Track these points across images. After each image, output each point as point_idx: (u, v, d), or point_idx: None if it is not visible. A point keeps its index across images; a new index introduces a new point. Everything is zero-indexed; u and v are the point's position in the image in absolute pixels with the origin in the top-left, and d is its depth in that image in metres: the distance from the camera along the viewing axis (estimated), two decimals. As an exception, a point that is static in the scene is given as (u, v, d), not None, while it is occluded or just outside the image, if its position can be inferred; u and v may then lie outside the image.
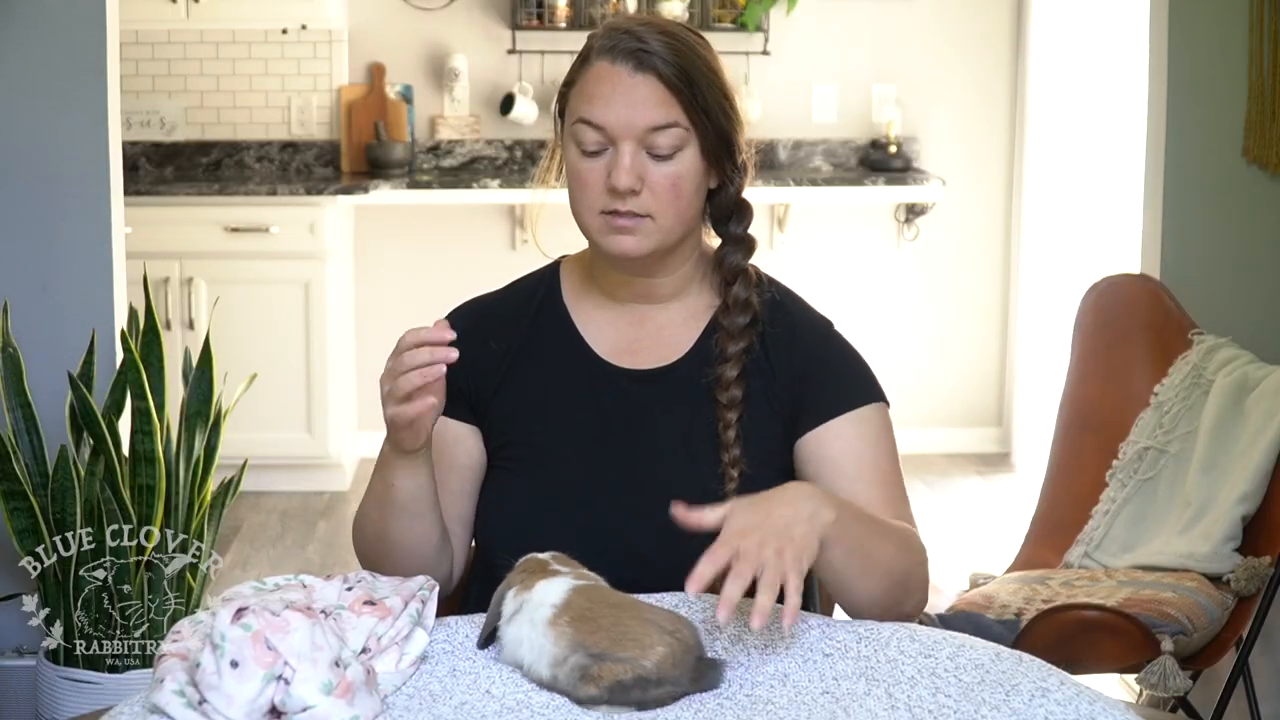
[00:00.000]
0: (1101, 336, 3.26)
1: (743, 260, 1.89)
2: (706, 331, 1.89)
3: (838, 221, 5.68)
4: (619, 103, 1.78)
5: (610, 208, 1.79)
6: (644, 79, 1.78)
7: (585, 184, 1.81)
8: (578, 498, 1.85)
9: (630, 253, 1.81)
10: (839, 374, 1.88)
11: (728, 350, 1.86)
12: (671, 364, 1.88)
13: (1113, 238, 4.83)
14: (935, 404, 5.69)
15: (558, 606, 1.57)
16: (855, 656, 1.61)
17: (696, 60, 1.81)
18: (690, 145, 1.80)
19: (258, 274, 5.13)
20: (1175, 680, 2.62)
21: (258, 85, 5.61)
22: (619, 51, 1.79)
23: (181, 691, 1.47)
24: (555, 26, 5.51)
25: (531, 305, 1.94)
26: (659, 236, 1.81)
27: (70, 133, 3.27)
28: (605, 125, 1.78)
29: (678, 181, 1.80)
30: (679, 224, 1.82)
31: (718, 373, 1.85)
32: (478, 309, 1.96)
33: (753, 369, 1.86)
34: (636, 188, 1.78)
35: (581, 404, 1.88)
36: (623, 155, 1.77)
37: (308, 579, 1.66)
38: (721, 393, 1.85)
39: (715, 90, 1.81)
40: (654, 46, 1.78)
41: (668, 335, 1.89)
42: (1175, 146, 3.47)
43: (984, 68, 5.66)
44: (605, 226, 1.81)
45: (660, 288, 1.89)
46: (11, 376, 3.08)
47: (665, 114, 1.78)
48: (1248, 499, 2.82)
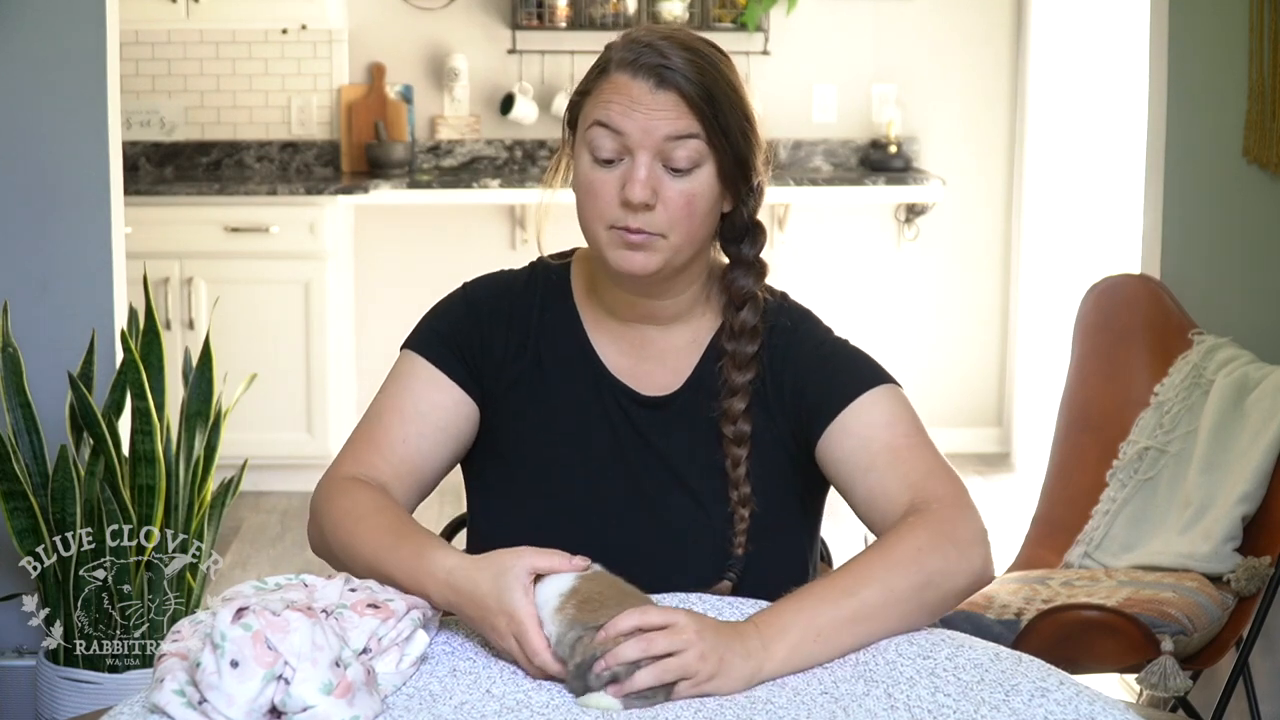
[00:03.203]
0: (1102, 336, 3.26)
1: (753, 285, 1.81)
2: (707, 355, 1.83)
3: (838, 221, 5.68)
4: (638, 113, 1.71)
5: (621, 223, 1.73)
6: (665, 96, 1.72)
7: (596, 195, 1.74)
8: (583, 521, 1.79)
9: (637, 271, 1.74)
10: (836, 373, 1.79)
11: (735, 381, 1.79)
12: (673, 392, 1.82)
13: (1113, 238, 4.83)
14: (935, 404, 5.68)
15: (564, 595, 1.57)
16: (854, 657, 1.61)
17: (719, 80, 1.74)
18: (708, 163, 1.74)
19: (258, 274, 5.13)
20: (1175, 680, 2.62)
21: (258, 85, 5.61)
22: (640, 66, 1.72)
23: (181, 691, 1.47)
24: (555, 26, 5.51)
25: (548, 298, 1.87)
26: (668, 255, 1.74)
27: (70, 133, 3.27)
28: (624, 131, 1.71)
29: (692, 200, 1.73)
30: (689, 244, 1.76)
31: (724, 406, 1.79)
32: (501, 287, 1.89)
33: (754, 400, 1.80)
34: (651, 202, 1.71)
35: (592, 420, 1.82)
36: (638, 167, 1.71)
37: (309, 578, 1.65)
38: (728, 425, 1.78)
39: (737, 112, 1.76)
40: (677, 63, 1.72)
41: (670, 360, 1.83)
42: (1175, 146, 3.47)
43: (984, 68, 5.66)
44: (614, 241, 1.74)
45: (664, 310, 1.82)
46: (11, 376, 3.08)
47: (686, 127, 1.72)
48: (1248, 499, 2.82)
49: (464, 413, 1.84)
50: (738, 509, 1.77)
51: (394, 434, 1.81)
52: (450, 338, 1.85)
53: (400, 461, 1.80)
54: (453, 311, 1.88)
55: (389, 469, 1.80)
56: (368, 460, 1.81)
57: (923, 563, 1.64)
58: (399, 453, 1.80)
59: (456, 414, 1.83)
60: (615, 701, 1.52)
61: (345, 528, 1.74)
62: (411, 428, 1.81)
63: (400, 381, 1.84)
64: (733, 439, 1.78)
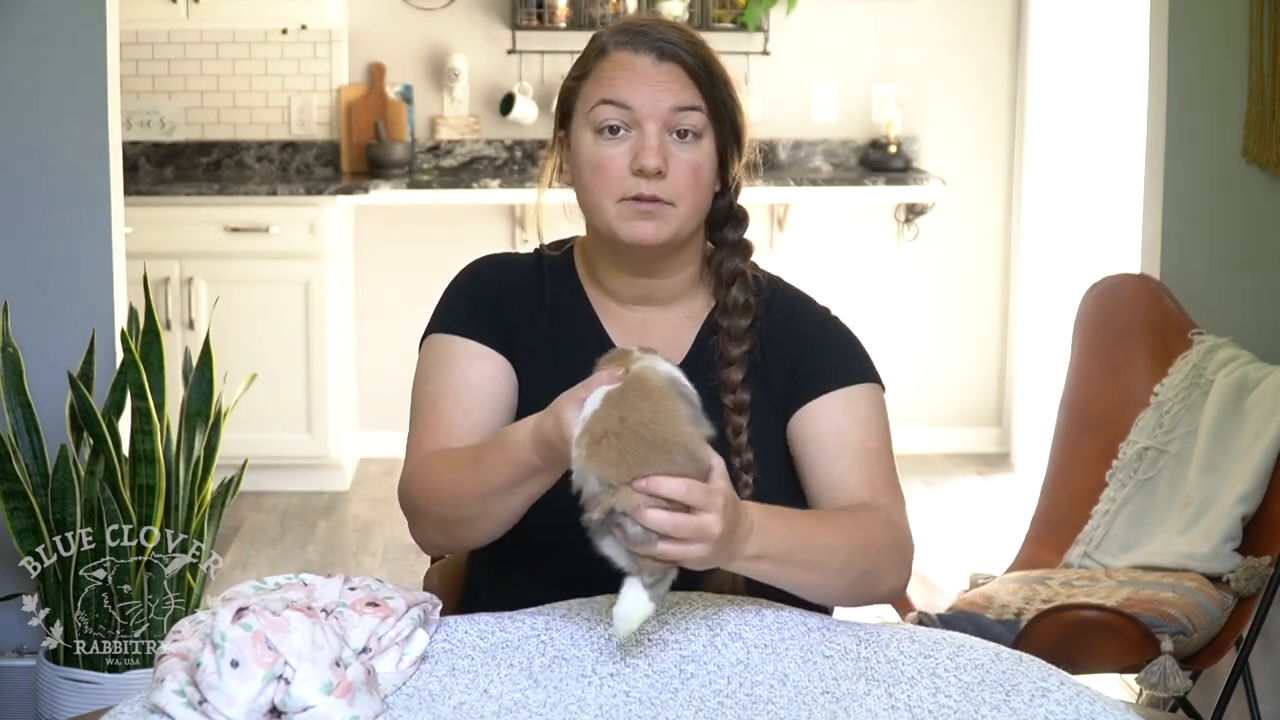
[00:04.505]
0: (1101, 336, 3.26)
1: (740, 263, 1.89)
2: (703, 333, 1.89)
3: (838, 221, 5.68)
4: (643, 85, 1.78)
5: (635, 192, 1.78)
6: (669, 67, 1.79)
7: (605, 170, 1.79)
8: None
9: (649, 239, 1.79)
10: (831, 354, 1.88)
11: (730, 353, 1.85)
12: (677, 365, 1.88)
13: (1113, 238, 4.83)
14: (935, 404, 5.69)
15: (586, 421, 1.53)
16: (855, 657, 1.62)
17: (714, 60, 1.83)
18: (708, 136, 1.81)
19: (258, 274, 5.13)
20: (1175, 680, 2.62)
21: (258, 85, 5.61)
22: (640, 44, 1.80)
23: (182, 691, 1.47)
24: (555, 26, 5.51)
25: (554, 279, 1.91)
26: (677, 225, 1.80)
27: (70, 133, 3.27)
28: (632, 104, 1.78)
29: (698, 169, 1.80)
30: (696, 214, 1.82)
31: (722, 377, 1.85)
32: (508, 266, 1.93)
33: (751, 371, 1.86)
34: (664, 169, 1.77)
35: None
36: (649, 136, 1.78)
37: (309, 578, 1.66)
38: (728, 395, 1.84)
39: (731, 92, 1.83)
40: (675, 39, 1.80)
41: (670, 337, 1.89)
42: (1175, 146, 3.47)
43: (984, 68, 5.66)
44: (626, 212, 1.79)
45: (663, 290, 1.89)
46: (11, 376, 3.08)
47: (691, 97, 1.79)
48: (1248, 499, 2.82)
49: (508, 374, 1.86)
50: (741, 475, 1.82)
51: (455, 415, 1.82)
52: (473, 310, 1.88)
53: (467, 436, 1.81)
54: (467, 288, 1.92)
55: (459, 444, 1.80)
56: (435, 441, 1.81)
57: (876, 559, 1.74)
58: (464, 428, 1.81)
59: (503, 379, 1.86)
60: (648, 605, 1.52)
61: (441, 490, 1.75)
62: (469, 403, 1.83)
63: (441, 366, 1.86)
64: (732, 408, 1.84)
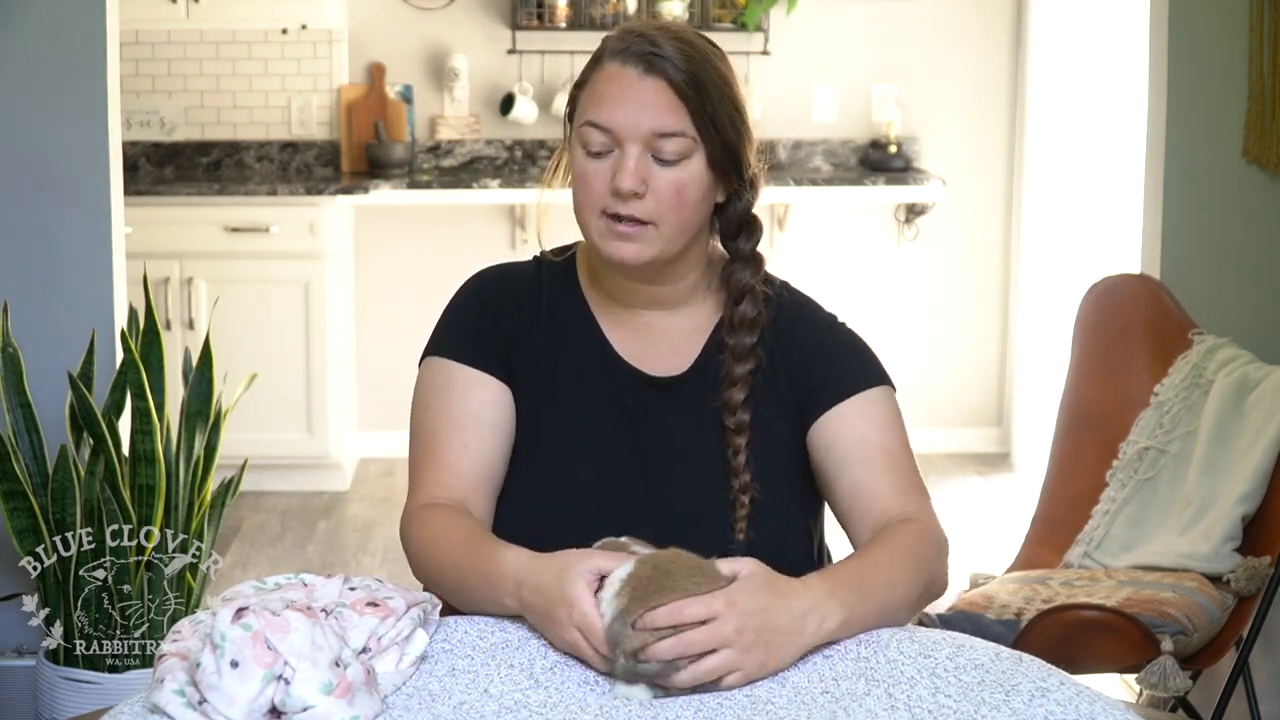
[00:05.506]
0: (1101, 336, 3.26)
1: (750, 278, 1.87)
2: (711, 341, 1.88)
3: (838, 221, 5.68)
4: (627, 105, 1.77)
5: (613, 210, 1.78)
6: (653, 82, 1.77)
7: (589, 185, 1.80)
8: (592, 501, 1.83)
9: (629, 260, 1.79)
10: (842, 360, 1.87)
11: (734, 372, 1.84)
12: (681, 374, 1.87)
13: (1113, 238, 4.83)
14: (935, 404, 5.69)
15: (623, 580, 1.57)
16: (855, 657, 1.62)
17: (709, 69, 1.79)
18: (696, 154, 1.79)
19: (258, 274, 5.13)
20: (1175, 680, 2.62)
21: (258, 85, 5.61)
22: (630, 54, 1.78)
23: (181, 691, 1.47)
24: (555, 26, 5.51)
25: (555, 286, 1.91)
26: (660, 245, 1.80)
27: (70, 133, 3.27)
28: (612, 127, 1.77)
29: (681, 188, 1.78)
30: (681, 233, 1.81)
31: (725, 398, 1.84)
32: (508, 276, 1.93)
33: (760, 385, 1.85)
34: (640, 190, 1.77)
35: (602, 401, 1.86)
36: (627, 157, 1.77)
37: (308, 578, 1.66)
38: (729, 417, 1.84)
39: (726, 102, 1.80)
40: (666, 51, 1.77)
41: (677, 344, 1.88)
42: (1175, 146, 3.47)
43: (984, 68, 5.66)
44: (606, 230, 1.79)
45: (666, 294, 1.88)
46: (11, 376, 3.08)
47: (672, 121, 1.77)
48: (1248, 499, 2.82)
49: (507, 400, 1.87)
50: (739, 496, 1.82)
51: (454, 447, 1.83)
52: (473, 333, 1.88)
53: (468, 471, 1.83)
54: (466, 306, 1.92)
55: (460, 483, 1.83)
56: (436, 481, 1.83)
57: (928, 570, 1.75)
58: (465, 462, 1.83)
59: (502, 406, 1.86)
60: (646, 692, 1.54)
61: (426, 556, 1.79)
62: (468, 433, 1.84)
63: (441, 394, 1.87)
64: (733, 429, 1.84)
